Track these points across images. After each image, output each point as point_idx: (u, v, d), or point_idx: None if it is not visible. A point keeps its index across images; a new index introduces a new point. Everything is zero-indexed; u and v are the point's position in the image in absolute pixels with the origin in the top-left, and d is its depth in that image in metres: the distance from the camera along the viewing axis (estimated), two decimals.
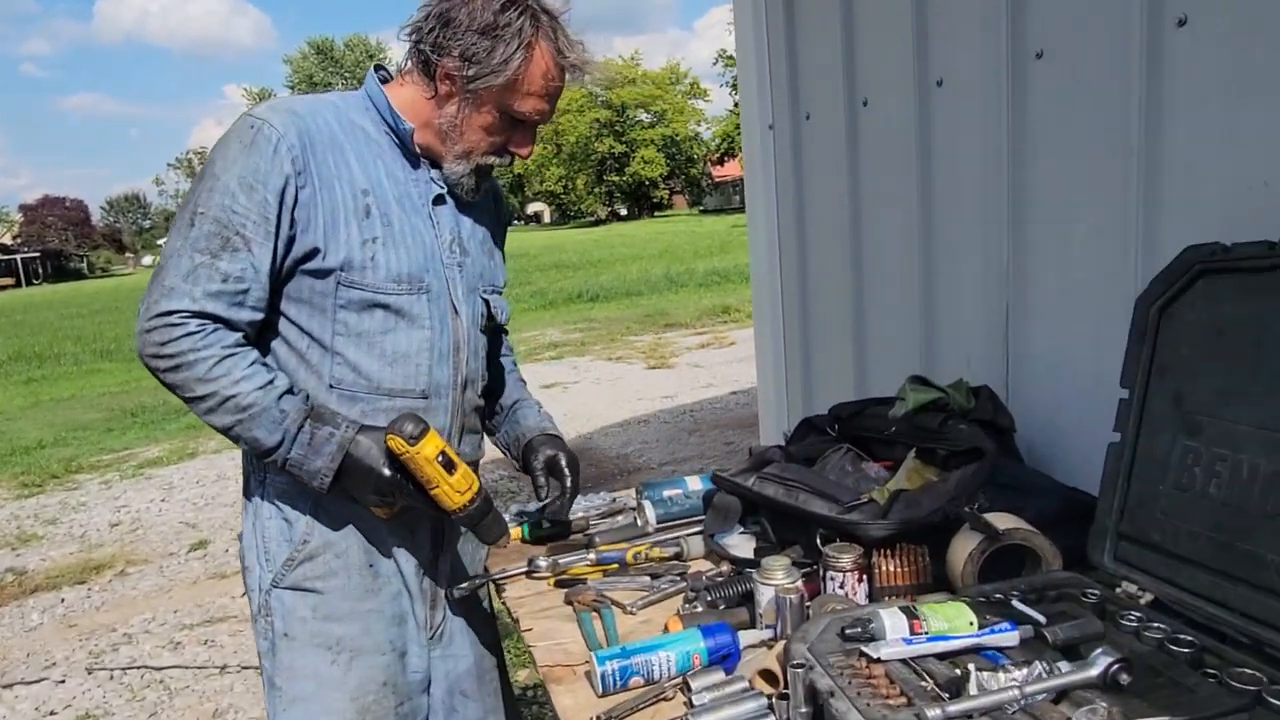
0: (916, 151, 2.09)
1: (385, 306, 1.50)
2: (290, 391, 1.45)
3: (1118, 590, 1.30)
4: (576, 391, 8.66)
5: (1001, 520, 1.42)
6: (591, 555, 1.83)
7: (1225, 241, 1.28)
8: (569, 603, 1.65)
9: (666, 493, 2.05)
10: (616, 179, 63.99)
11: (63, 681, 3.79)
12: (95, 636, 4.23)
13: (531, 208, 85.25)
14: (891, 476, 1.74)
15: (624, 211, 68.56)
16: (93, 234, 72.70)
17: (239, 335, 1.43)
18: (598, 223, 65.07)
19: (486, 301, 1.68)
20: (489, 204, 1.75)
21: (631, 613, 1.57)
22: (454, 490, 1.43)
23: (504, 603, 1.75)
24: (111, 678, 3.82)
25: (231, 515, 5.80)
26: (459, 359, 1.61)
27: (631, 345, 11.57)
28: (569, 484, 1.75)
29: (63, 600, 4.74)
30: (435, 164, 1.60)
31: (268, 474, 1.55)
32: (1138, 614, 1.22)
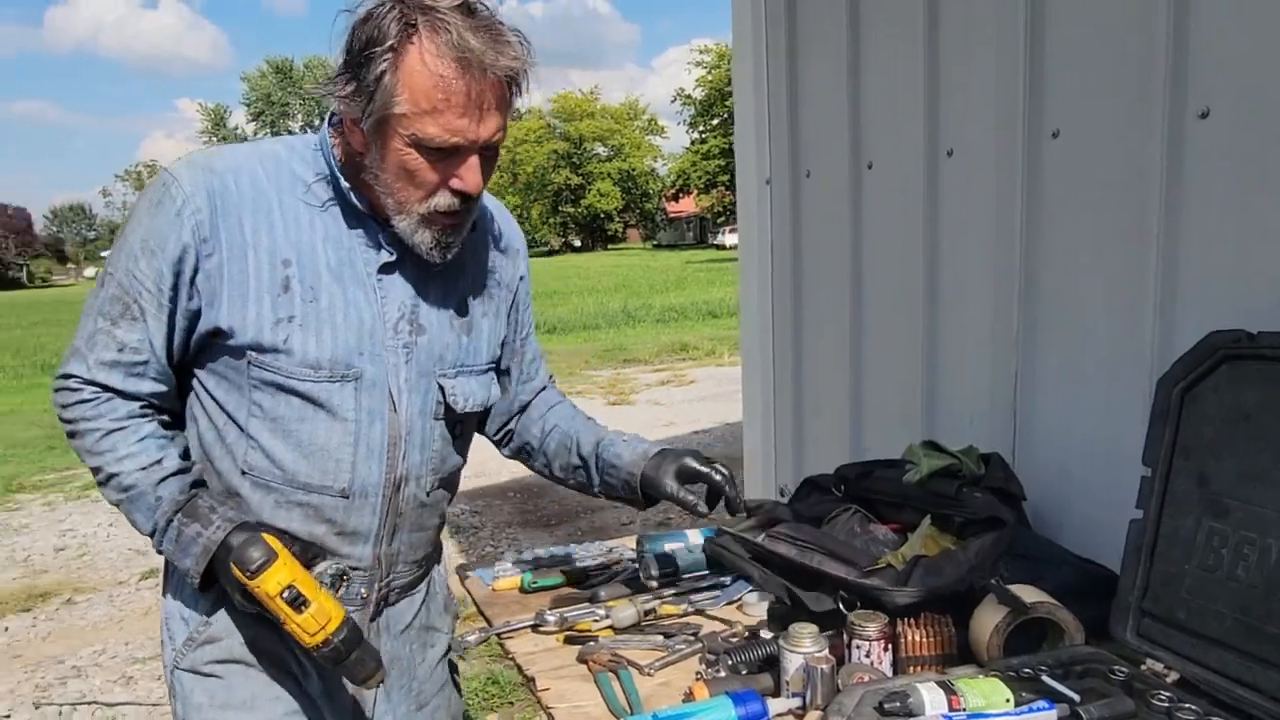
0: (924, 217, 2.14)
1: (300, 393, 1.34)
2: (178, 473, 1.34)
3: (1143, 667, 1.33)
4: None
5: (1025, 593, 1.44)
6: (601, 611, 1.81)
7: (1248, 329, 1.33)
8: (583, 661, 1.63)
9: (669, 546, 2.04)
10: (572, 210, 64.19)
11: (8, 716, 3.63)
12: (42, 668, 4.06)
13: None
14: (901, 539, 1.76)
15: (578, 243, 68.73)
16: (34, 243, 70.74)
17: (134, 406, 1.33)
18: (551, 253, 65.15)
19: (442, 388, 1.45)
20: (488, 258, 1.55)
21: (649, 674, 1.56)
22: (303, 630, 1.27)
23: (512, 658, 1.72)
24: (60, 714, 3.66)
25: None
26: (395, 456, 1.41)
27: (591, 380, 11.56)
28: (719, 479, 1.55)
29: (6, 629, 4.54)
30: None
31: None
32: (1168, 694, 1.25)
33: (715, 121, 53.65)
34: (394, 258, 1.38)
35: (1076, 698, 1.23)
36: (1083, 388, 1.77)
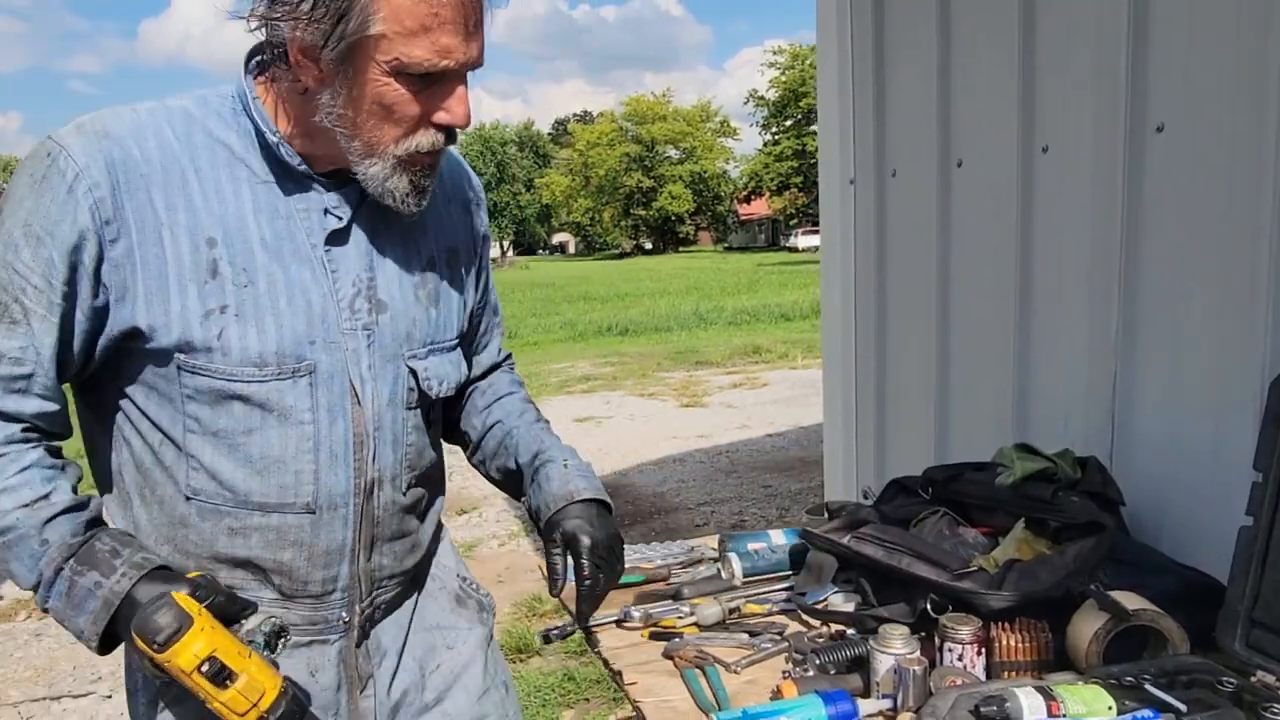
0: (1017, 216, 2.10)
1: (243, 398, 1.12)
2: (70, 509, 1.07)
3: (1253, 679, 1.28)
4: (611, 427, 8.65)
5: (1126, 599, 1.41)
6: (685, 608, 1.82)
7: None
8: (668, 657, 1.64)
9: (751, 546, 2.04)
10: (643, 213, 64.41)
11: (109, 696, 3.79)
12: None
13: (557, 238, 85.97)
14: (991, 543, 1.73)
15: (649, 245, 68.97)
16: None
17: (14, 429, 1.08)
18: (623, 255, 65.47)
19: (413, 371, 1.25)
20: (451, 214, 1.34)
21: (736, 671, 1.56)
22: (230, 711, 1.03)
23: (598, 652, 1.74)
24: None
25: None
26: (362, 457, 1.21)
27: (663, 382, 11.57)
28: (588, 577, 1.30)
29: None
30: (340, 181, 1.17)
31: None
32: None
33: (789, 123, 53.28)
34: (343, 223, 1.17)
35: (1183, 708, 1.19)
36: (1187, 390, 1.72)
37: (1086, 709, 1.19)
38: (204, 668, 1.02)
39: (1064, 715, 1.18)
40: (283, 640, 1.13)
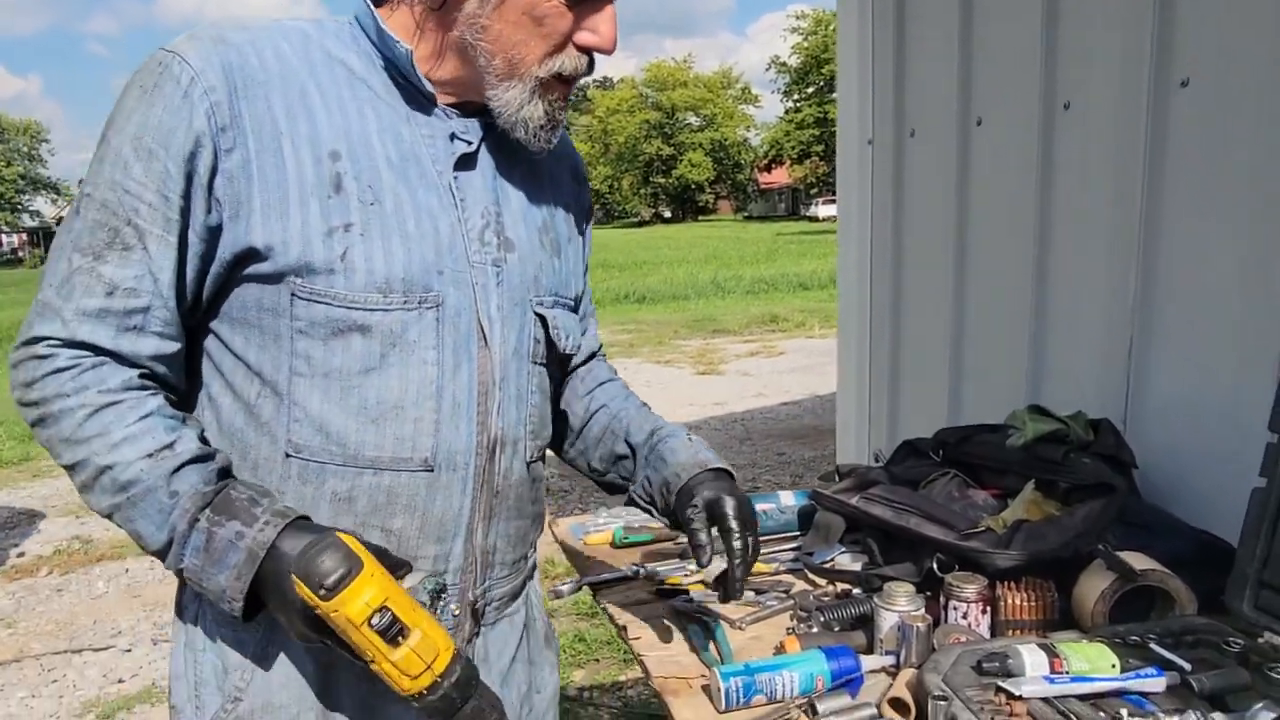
0: (1037, 175, 2.06)
1: (364, 329, 1.00)
2: (198, 460, 0.96)
3: (1260, 640, 1.27)
4: None
5: (1134, 560, 1.39)
6: (691, 566, 1.82)
7: None
8: (674, 614, 1.64)
9: (760, 506, 2.03)
10: (663, 181, 64.07)
11: (129, 650, 3.86)
12: (160, 608, 4.31)
13: None
14: (1001, 505, 1.72)
15: (668, 214, 68.65)
16: None
17: (131, 375, 0.97)
18: (642, 224, 65.22)
19: (542, 319, 1.15)
20: (562, 177, 1.26)
21: (741, 628, 1.56)
22: (402, 673, 0.90)
23: (604, 609, 1.74)
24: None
25: None
26: (486, 409, 1.08)
27: (680, 349, 11.56)
28: (739, 543, 1.20)
29: (127, 570, 4.83)
30: (465, 110, 1.09)
31: None
32: None
33: (810, 90, 52.68)
34: (472, 147, 1.08)
35: (1187, 667, 1.18)
36: (1206, 351, 1.69)
37: (1090, 666, 1.18)
38: (375, 620, 0.88)
39: (1066, 672, 1.17)
40: (441, 602, 1.02)
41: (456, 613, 1.12)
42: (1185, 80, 1.68)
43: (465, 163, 1.08)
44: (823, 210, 47.23)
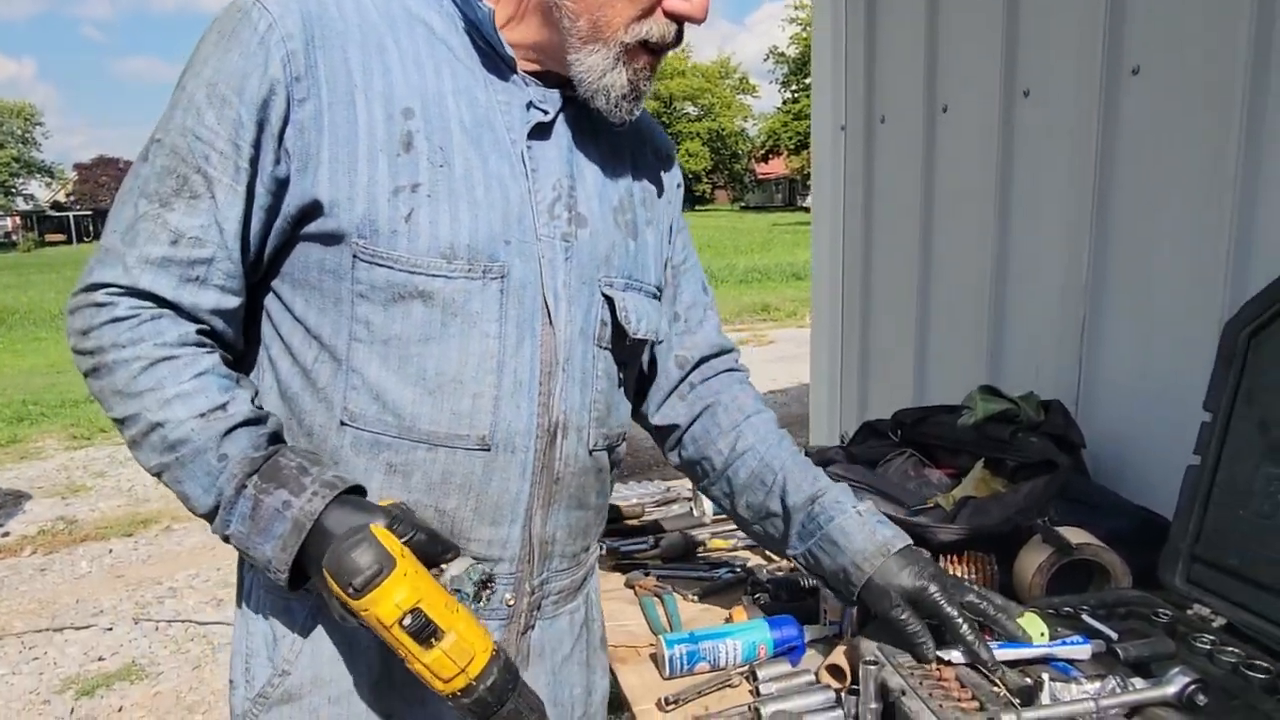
0: (997, 160, 2.09)
1: (426, 296, 0.95)
2: (250, 423, 0.93)
3: (1189, 612, 1.31)
4: None
5: (1073, 534, 1.43)
6: (650, 539, 1.86)
7: None
8: (630, 587, 1.68)
9: None
10: None
11: (110, 629, 3.89)
12: (142, 588, 4.34)
13: None
14: (954, 484, 1.76)
15: None
16: None
17: (189, 330, 0.94)
18: None
19: (610, 301, 1.07)
20: (645, 158, 1.19)
21: (693, 600, 1.60)
22: (434, 675, 0.87)
23: None
24: (156, 629, 3.91)
25: None
26: (549, 390, 1.02)
27: None
28: (966, 629, 1.12)
29: (110, 551, 4.86)
30: (545, 80, 1.04)
31: None
32: (1211, 637, 1.23)
33: (808, 80, 52.51)
34: (548, 117, 1.03)
35: (1115, 635, 1.21)
36: (1152, 335, 1.72)
37: (1020, 633, 1.21)
38: (406, 621, 0.84)
39: (997, 639, 1.21)
40: (489, 591, 0.97)
41: (511, 602, 1.06)
42: (1136, 68, 1.71)
43: (540, 132, 1.03)
44: None
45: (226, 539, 0.92)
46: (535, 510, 1.04)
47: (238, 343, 1.01)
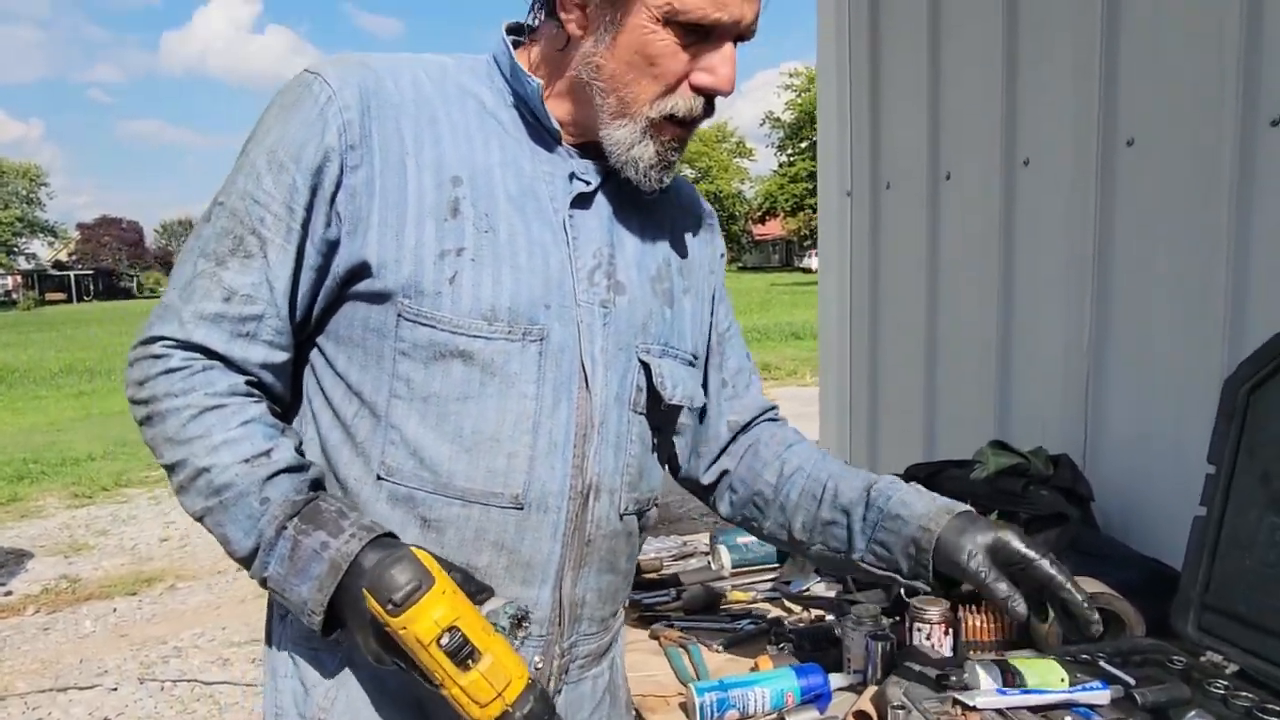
0: (1000, 226, 2.18)
1: (466, 356, 0.98)
2: (292, 470, 0.97)
3: (1202, 659, 1.35)
4: None
5: (1087, 584, 1.47)
6: (673, 592, 1.90)
7: None
8: (655, 638, 1.71)
9: (740, 539, 2.11)
10: None
11: (115, 689, 3.87)
12: (147, 647, 4.32)
13: None
14: None
15: None
16: (145, 255, 74.39)
17: (238, 381, 0.98)
18: None
19: (646, 366, 1.09)
20: (686, 228, 1.22)
21: (717, 650, 1.63)
22: (470, 699, 0.86)
23: None
24: (162, 689, 3.89)
25: None
26: (583, 453, 1.04)
27: None
28: (1055, 569, 1.08)
29: (115, 610, 4.84)
30: (586, 153, 1.09)
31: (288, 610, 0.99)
32: (1225, 682, 1.27)
33: (804, 145, 53.40)
34: (590, 188, 1.07)
35: (1132, 681, 1.26)
36: (1154, 391, 1.79)
37: (1040, 680, 1.26)
38: (444, 640, 0.84)
39: (1019, 685, 1.25)
40: (525, 629, 0.96)
41: (540, 664, 1.06)
42: (1131, 140, 1.81)
43: (582, 202, 1.07)
44: (815, 261, 47.61)
45: (264, 582, 0.95)
46: (566, 572, 1.05)
47: (285, 396, 1.05)
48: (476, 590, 0.94)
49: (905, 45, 2.55)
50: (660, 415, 1.13)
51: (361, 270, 0.98)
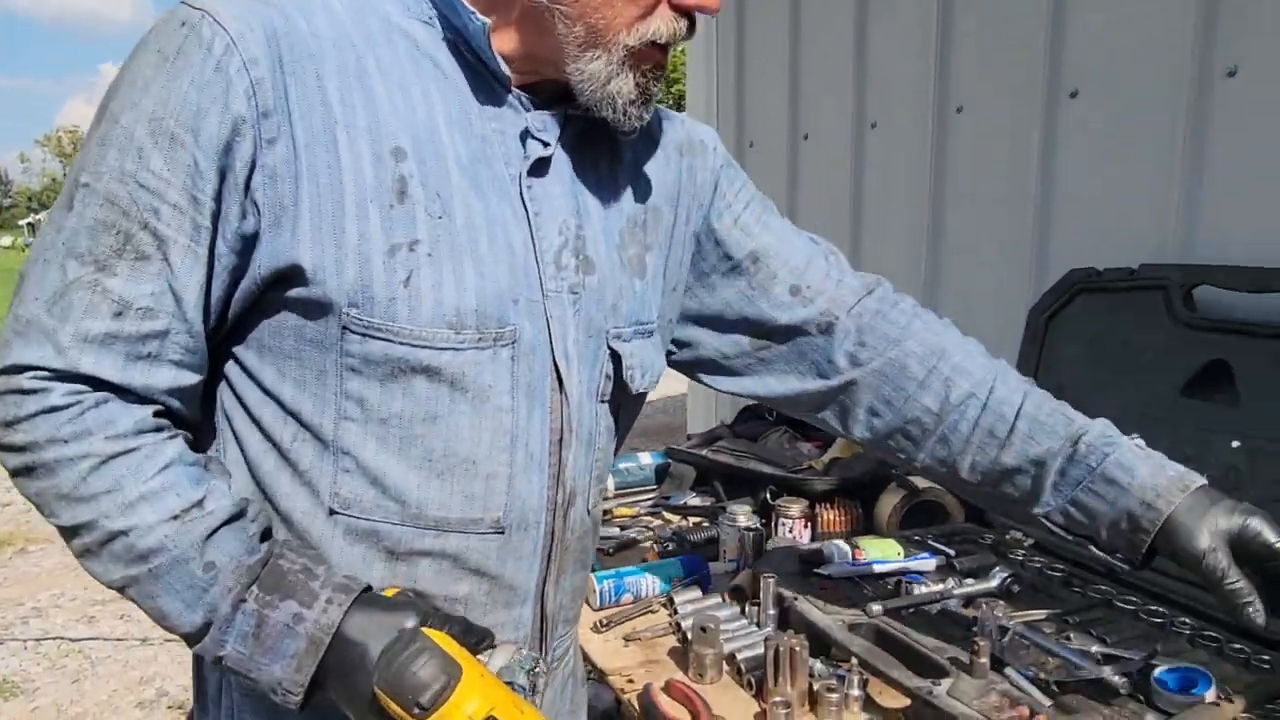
0: (850, 181, 2.46)
1: (431, 371, 0.83)
2: (234, 519, 0.79)
3: (1007, 536, 1.65)
4: None
5: (920, 482, 1.76)
6: None
7: (1098, 266, 1.66)
8: None
9: (622, 465, 2.32)
10: None
11: None
12: (2, 609, 4.19)
13: None
14: (822, 453, 2.08)
15: None
16: None
17: (145, 414, 0.79)
18: None
19: (617, 356, 0.95)
20: (656, 161, 1.03)
21: (609, 553, 1.84)
22: None
23: None
24: (25, 648, 3.81)
25: None
26: (560, 460, 0.91)
27: None
28: None
29: None
30: (538, 91, 0.90)
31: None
32: (1023, 551, 1.57)
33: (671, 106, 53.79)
34: (549, 150, 0.89)
35: (952, 553, 1.54)
36: (976, 319, 2.08)
37: (882, 554, 1.53)
38: None
39: (865, 559, 1.52)
40: (541, 677, 0.85)
41: (524, 685, 0.90)
42: (960, 107, 2.09)
43: (540, 166, 0.89)
44: None
45: (218, 660, 0.78)
46: (548, 586, 0.95)
47: (194, 415, 0.86)
48: (477, 641, 0.82)
49: (767, 16, 2.78)
50: (626, 400, 1.00)
51: (292, 274, 0.79)
